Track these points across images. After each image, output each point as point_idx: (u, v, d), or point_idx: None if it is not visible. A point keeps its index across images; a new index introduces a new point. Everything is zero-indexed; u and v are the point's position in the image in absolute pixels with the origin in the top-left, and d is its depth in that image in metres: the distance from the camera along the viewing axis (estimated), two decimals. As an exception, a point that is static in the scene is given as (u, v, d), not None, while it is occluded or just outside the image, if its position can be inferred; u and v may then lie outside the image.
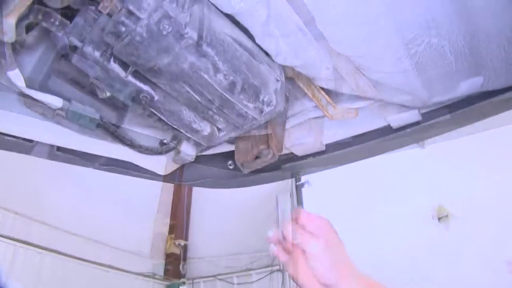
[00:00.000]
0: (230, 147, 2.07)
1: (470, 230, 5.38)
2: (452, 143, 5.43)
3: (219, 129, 1.70)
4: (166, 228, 9.80)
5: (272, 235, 1.45)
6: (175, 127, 1.64)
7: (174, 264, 9.29)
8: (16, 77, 1.43)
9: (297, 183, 7.12)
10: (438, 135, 2.03)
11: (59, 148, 1.83)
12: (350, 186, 6.41)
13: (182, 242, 9.52)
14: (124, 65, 1.40)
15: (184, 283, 8.95)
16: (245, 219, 7.28)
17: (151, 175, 2.13)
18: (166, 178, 2.19)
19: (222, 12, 1.38)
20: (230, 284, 8.72)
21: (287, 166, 2.07)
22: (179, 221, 9.89)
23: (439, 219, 5.73)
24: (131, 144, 1.91)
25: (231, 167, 2.20)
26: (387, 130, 1.95)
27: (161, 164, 2.11)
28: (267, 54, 1.63)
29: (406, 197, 6.01)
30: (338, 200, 6.41)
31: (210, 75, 1.36)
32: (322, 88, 1.77)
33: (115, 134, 1.83)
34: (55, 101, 1.61)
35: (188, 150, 2.05)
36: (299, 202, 7.10)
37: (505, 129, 5.12)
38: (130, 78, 1.43)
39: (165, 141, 2.06)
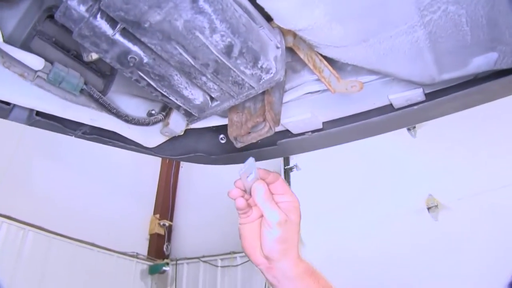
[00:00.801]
0: (222, 121, 1.97)
1: (459, 221, 5.35)
2: (445, 132, 5.39)
3: (212, 98, 1.59)
4: (151, 208, 9.76)
5: (240, 184, 1.44)
6: (165, 94, 1.52)
7: (158, 244, 9.25)
8: (-6, 30, 1.32)
9: (286, 167, 7.06)
10: (441, 116, 1.94)
11: (38, 113, 1.71)
12: (340, 173, 6.37)
13: (167, 223, 9.48)
14: (112, 22, 1.28)
15: (167, 264, 8.91)
16: (232, 202, 7.21)
17: (137, 147, 2.03)
18: (153, 152, 2.08)
19: (220, -34, 1.27)
20: (214, 267, 8.70)
21: (283, 142, 1.97)
22: (164, 201, 9.85)
23: (428, 209, 5.70)
24: (117, 113, 1.79)
25: (222, 141, 2.10)
26: (388, 109, 1.86)
27: (148, 136, 2.00)
28: (266, 19, 1.53)
29: (396, 185, 5.98)
30: (326, 186, 6.38)
31: (206, 35, 1.24)
32: (325, 58, 1.66)
33: (100, 101, 1.72)
34: (36, 62, 1.50)
35: (177, 122, 1.96)
36: (287, 186, 7.10)
37: (500, 117, 5.08)
38: (118, 37, 1.31)
39: (153, 112, 1.96)
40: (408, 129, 6.03)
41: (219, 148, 2.13)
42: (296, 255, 1.45)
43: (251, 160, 1.41)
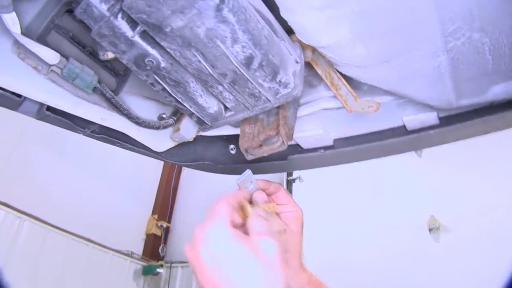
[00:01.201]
0: (233, 131, 1.95)
1: (460, 243, 5.30)
2: (450, 153, 5.35)
3: (226, 108, 1.57)
4: (150, 208, 9.70)
5: None
6: (179, 100, 1.50)
7: (154, 245, 9.19)
8: (12, 21, 1.29)
9: (289, 178, 7.01)
10: (455, 141, 1.92)
11: (49, 108, 1.69)
12: (343, 189, 6.33)
13: (165, 224, 9.42)
14: (133, 23, 1.26)
15: (162, 266, 8.84)
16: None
17: (145, 150, 2.00)
18: (160, 156, 2.06)
19: (246, -24, 1.24)
20: (208, 272, 8.62)
21: (294, 157, 1.94)
22: (164, 202, 9.79)
23: (430, 230, 5.64)
24: (128, 114, 1.77)
25: (232, 151, 2.08)
26: (401, 131, 1.82)
27: (157, 140, 1.98)
28: (287, 32, 1.51)
29: (398, 204, 5.92)
30: (328, 200, 6.34)
31: (227, 45, 1.22)
32: (342, 76, 1.63)
33: (112, 101, 1.69)
34: (52, 56, 1.47)
35: (188, 128, 1.93)
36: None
37: (508, 139, 5.03)
38: (137, 39, 1.30)
39: (163, 116, 1.94)
40: (414, 149, 5.96)
41: (228, 158, 2.10)
42: (298, 265, 1.43)
43: (248, 172, 1.41)
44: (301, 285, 1.40)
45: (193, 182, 10.07)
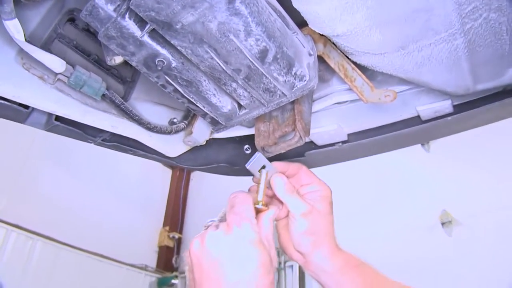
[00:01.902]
0: (246, 131, 1.92)
1: (474, 237, 5.27)
2: (459, 147, 5.33)
3: (240, 106, 1.52)
4: (161, 220, 9.69)
5: (256, 180, 1.39)
6: (192, 100, 1.46)
7: (167, 257, 9.17)
8: (15, 28, 1.25)
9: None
10: (468, 129, 1.88)
11: (57, 118, 1.65)
12: (352, 186, 6.29)
13: (176, 235, 9.40)
14: (141, 23, 1.22)
15: (176, 276, 8.81)
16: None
17: (158, 156, 1.96)
18: (174, 161, 2.02)
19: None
20: (221, 281, 8.57)
21: (311, 153, 1.90)
22: (174, 213, 9.78)
23: (442, 224, 5.61)
24: (139, 120, 1.73)
25: (247, 151, 2.03)
26: (415, 121, 1.78)
27: (169, 145, 1.94)
28: (298, 26, 1.47)
29: (409, 200, 5.90)
30: (338, 199, 6.28)
31: (240, 39, 1.18)
32: (357, 67, 1.59)
33: (121, 107, 1.65)
34: (58, 64, 1.44)
35: (201, 131, 1.90)
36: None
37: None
38: (146, 39, 1.25)
39: (175, 120, 1.90)
40: (422, 144, 5.96)
41: (244, 158, 2.05)
42: (332, 247, 1.40)
43: (257, 154, 1.41)
44: (338, 267, 1.36)
45: (202, 190, 10.06)
